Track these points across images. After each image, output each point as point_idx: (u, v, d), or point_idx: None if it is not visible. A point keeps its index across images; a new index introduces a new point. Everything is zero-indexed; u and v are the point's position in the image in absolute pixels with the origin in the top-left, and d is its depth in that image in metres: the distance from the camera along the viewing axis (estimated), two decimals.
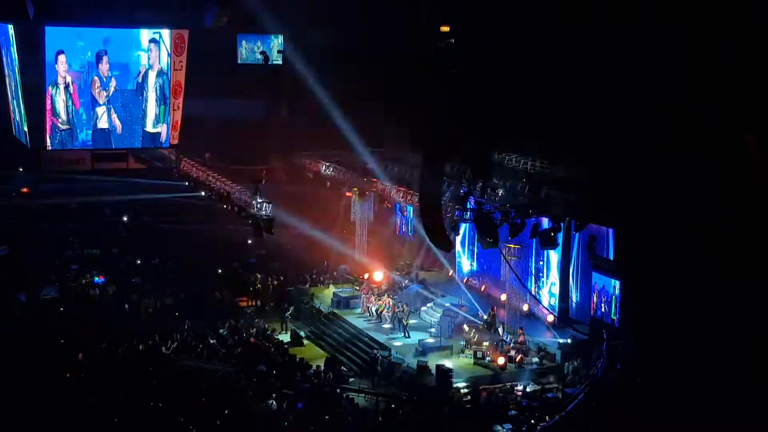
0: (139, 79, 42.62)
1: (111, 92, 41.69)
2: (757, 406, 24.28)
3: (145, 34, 43.50)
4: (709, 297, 26.74)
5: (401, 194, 38.17)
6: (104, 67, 41.57)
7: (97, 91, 41.39)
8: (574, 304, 35.36)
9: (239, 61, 54.85)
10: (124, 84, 42.04)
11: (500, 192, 34.76)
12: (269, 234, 37.87)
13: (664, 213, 28.26)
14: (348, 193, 43.77)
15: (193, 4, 48.63)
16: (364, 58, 46.88)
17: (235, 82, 51.75)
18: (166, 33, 43.93)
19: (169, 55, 44.63)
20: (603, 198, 31.00)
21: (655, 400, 26.96)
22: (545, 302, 35.99)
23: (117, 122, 42.45)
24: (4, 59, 46.50)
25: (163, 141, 44.65)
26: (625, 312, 31.92)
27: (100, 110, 41.96)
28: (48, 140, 42.57)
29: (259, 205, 38.05)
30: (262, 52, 54.30)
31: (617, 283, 32.49)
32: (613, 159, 30.26)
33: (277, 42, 54.78)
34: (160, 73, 43.54)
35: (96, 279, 41.04)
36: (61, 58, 43.85)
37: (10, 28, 44.17)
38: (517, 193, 34.42)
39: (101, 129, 42.80)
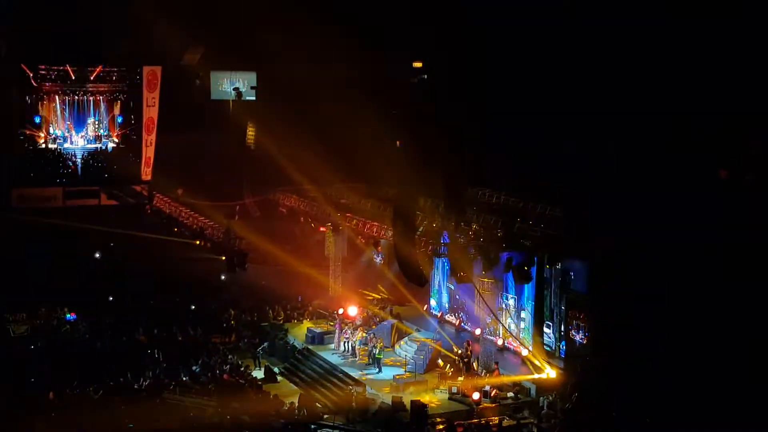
0: None
1: None
2: None
3: None
4: (686, 328, 26.87)
5: (375, 229, 38.19)
6: None
7: None
8: (550, 338, 35.35)
9: (212, 97, 55.22)
10: None
11: (474, 226, 34.83)
12: (242, 269, 37.89)
13: (639, 246, 28.45)
14: (322, 228, 43.75)
15: (168, 42, 48.99)
16: (337, 93, 47.16)
17: (208, 118, 51.92)
18: None
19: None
20: (576, 232, 31.15)
21: None
22: (520, 337, 35.97)
23: None
24: None
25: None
26: (598, 345, 31.93)
27: None
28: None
29: (232, 241, 38.13)
30: (235, 88, 54.70)
31: (584, 323, 32.57)
32: (586, 193, 30.51)
33: (249, 79, 55.27)
34: None
35: (68, 316, 40.63)
36: None
37: None
38: (489, 228, 34.52)
39: None
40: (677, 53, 27.87)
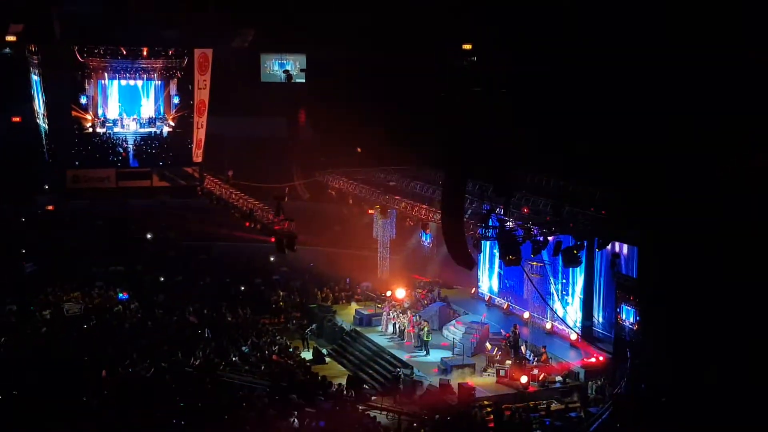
0: None
1: None
2: None
3: None
4: (733, 315, 26.55)
5: (423, 211, 38.16)
6: None
7: None
8: (598, 323, 35.15)
9: (262, 80, 55.40)
10: None
11: (523, 209, 34.69)
12: (291, 251, 38.07)
13: (689, 231, 28.13)
14: (370, 211, 43.84)
15: (218, 25, 49.26)
16: (387, 76, 47.15)
17: (257, 100, 52.15)
18: None
19: None
20: (626, 216, 30.87)
21: (677, 419, 26.74)
22: (569, 321, 35.81)
23: None
24: (32, 81, 47.21)
25: None
26: (648, 331, 31.67)
27: None
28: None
29: (281, 223, 38.28)
30: (285, 71, 54.78)
31: (635, 306, 32.31)
32: (637, 176, 30.19)
33: (300, 61, 55.34)
34: None
35: (120, 295, 41.26)
36: None
37: (34, 49, 44.97)
38: (539, 211, 34.36)
39: None
40: None
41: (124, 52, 49.09)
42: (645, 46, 28.58)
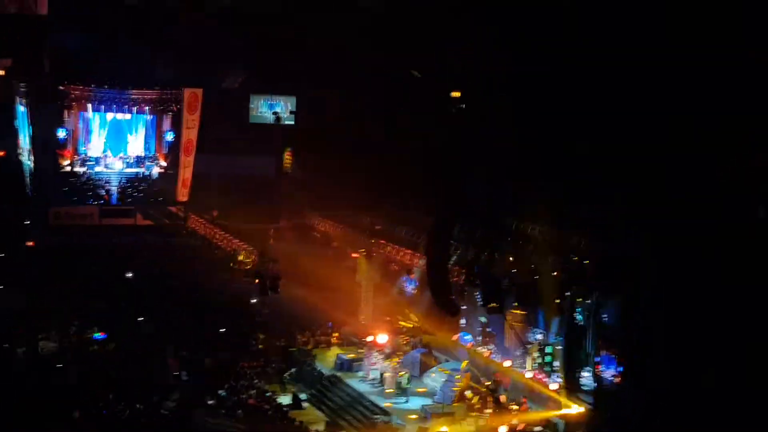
0: None
1: None
2: None
3: None
4: (725, 366, 26.22)
5: (408, 257, 37.94)
6: None
7: None
8: (579, 373, 34.75)
9: (251, 121, 55.50)
10: None
11: (508, 257, 34.52)
12: (274, 293, 37.78)
13: (674, 285, 27.89)
14: (354, 254, 43.58)
15: (208, 65, 49.40)
16: (377, 122, 47.26)
17: (246, 141, 52.17)
18: None
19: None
20: (608, 267, 30.70)
21: None
22: (549, 370, 35.42)
23: None
24: (18, 116, 47.08)
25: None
26: (630, 382, 31.31)
27: None
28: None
29: (265, 264, 38.07)
30: (275, 113, 54.90)
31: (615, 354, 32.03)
32: (619, 230, 30.04)
33: (289, 103, 55.49)
34: None
35: (96, 335, 40.72)
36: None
37: (22, 86, 44.85)
38: (524, 259, 34.18)
39: None
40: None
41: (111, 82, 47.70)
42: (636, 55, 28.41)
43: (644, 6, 27.58)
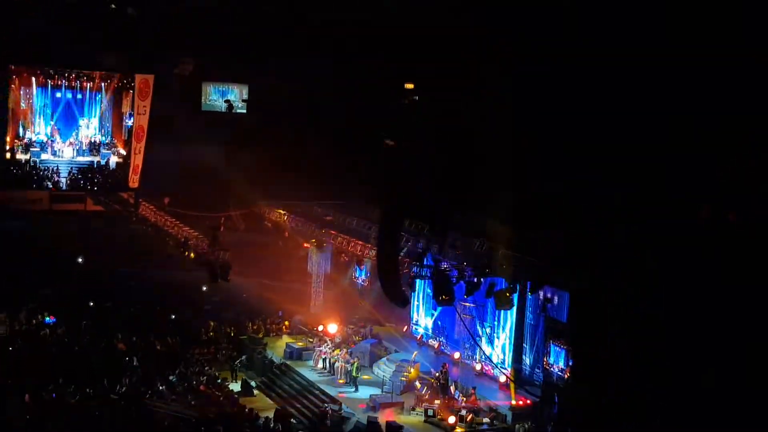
0: None
1: None
2: None
3: None
4: (666, 361, 26.97)
5: (359, 248, 38.31)
6: None
7: None
8: (526, 366, 35.50)
9: (202, 108, 55.18)
10: None
11: (457, 250, 34.99)
12: (225, 281, 37.89)
13: (621, 278, 28.59)
14: (306, 244, 43.83)
15: (159, 51, 48.99)
16: (328, 111, 47.42)
17: (197, 128, 51.90)
18: None
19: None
20: (560, 260, 31.33)
21: None
22: (498, 362, 36.10)
23: None
24: None
25: None
26: (576, 375, 32.09)
27: None
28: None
29: (215, 252, 38.10)
30: (227, 100, 54.64)
31: (566, 348, 32.80)
32: (572, 222, 30.69)
33: (242, 91, 55.27)
34: None
35: (47, 319, 40.46)
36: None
37: None
38: (474, 252, 34.69)
39: None
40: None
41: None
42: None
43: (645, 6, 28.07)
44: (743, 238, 26.15)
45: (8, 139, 45.78)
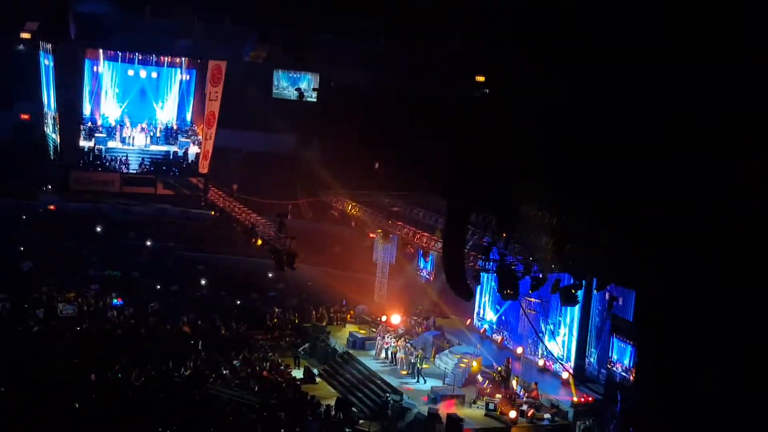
0: None
1: None
2: None
3: None
4: (733, 364, 26.39)
5: (425, 239, 38.17)
6: None
7: None
8: (590, 363, 35.07)
9: (273, 95, 55.46)
10: None
11: (524, 245, 34.66)
12: (290, 269, 38.05)
13: (690, 278, 28.01)
14: (372, 234, 43.84)
15: (233, 37, 49.35)
16: (398, 102, 47.27)
17: (267, 116, 52.28)
18: None
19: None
20: (627, 259, 30.83)
21: None
22: (561, 358, 35.71)
23: None
24: (42, 79, 47.20)
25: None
26: (641, 373, 31.60)
27: None
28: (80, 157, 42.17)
29: (282, 240, 38.27)
30: (298, 89, 54.81)
31: (634, 345, 32.29)
32: (641, 220, 30.13)
33: (312, 79, 55.40)
34: None
35: (114, 301, 41.13)
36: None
37: (50, 48, 44.82)
38: (540, 247, 34.33)
39: None
40: None
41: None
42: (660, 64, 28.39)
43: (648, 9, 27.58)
44: None
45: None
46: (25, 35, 46.81)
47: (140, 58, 42.13)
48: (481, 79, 42.68)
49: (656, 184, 29.15)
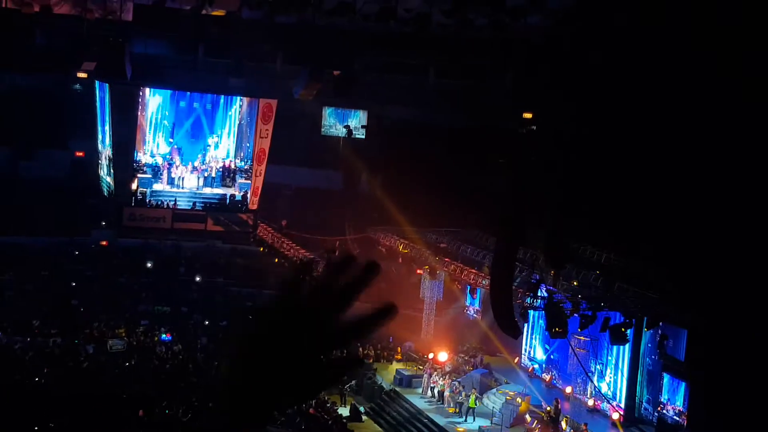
0: None
1: None
2: None
3: None
4: None
5: (472, 276, 37.97)
6: None
7: None
8: (641, 403, 34.46)
9: (322, 132, 55.78)
10: None
11: (573, 282, 34.34)
12: None
13: (743, 316, 27.53)
14: (419, 271, 43.73)
15: (284, 77, 49.75)
16: (445, 139, 47.31)
17: (316, 152, 52.59)
18: None
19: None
20: (678, 297, 30.39)
21: None
22: (611, 399, 35.16)
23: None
24: (98, 116, 48.04)
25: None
26: (694, 416, 30.97)
27: None
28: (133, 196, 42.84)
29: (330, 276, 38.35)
30: (346, 126, 55.05)
31: (686, 385, 31.69)
32: (692, 257, 29.74)
33: (361, 116, 55.61)
34: None
35: (163, 336, 41.43)
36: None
37: (107, 88, 45.61)
38: (589, 285, 33.98)
39: None
40: None
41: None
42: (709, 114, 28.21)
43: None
44: None
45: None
46: (82, 75, 47.67)
47: (190, 86, 40.78)
48: (528, 116, 42.64)
49: (707, 221, 28.82)
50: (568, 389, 36.34)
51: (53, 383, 34.00)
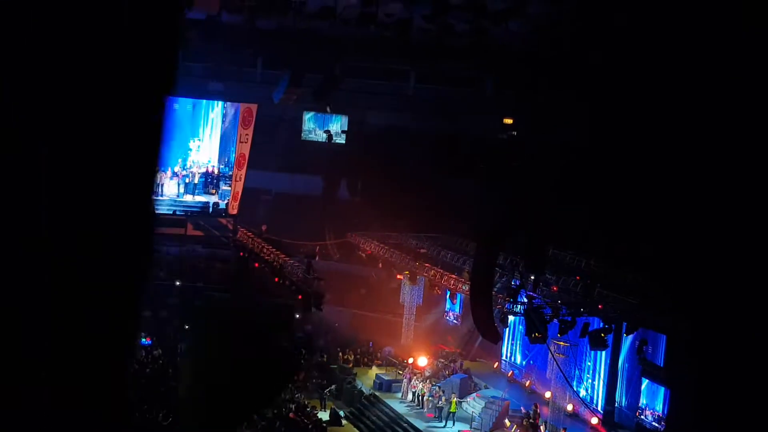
0: None
1: None
2: None
3: None
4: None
5: (452, 281, 38.07)
6: None
7: None
8: (620, 408, 34.65)
9: (302, 137, 55.69)
10: None
11: (553, 288, 34.50)
12: (318, 310, 38.06)
13: (723, 322, 27.72)
14: (399, 276, 43.78)
15: (264, 81, 49.63)
16: (425, 144, 47.41)
17: (296, 157, 52.49)
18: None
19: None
20: (658, 302, 30.58)
21: None
22: (590, 403, 35.33)
23: None
24: None
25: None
26: (673, 421, 31.18)
27: None
28: None
29: (310, 281, 38.33)
30: (326, 131, 54.96)
31: (665, 390, 31.90)
32: (672, 263, 29.94)
33: (342, 122, 55.60)
34: None
35: (143, 341, 41.20)
36: None
37: None
38: (569, 291, 34.15)
39: None
40: None
41: None
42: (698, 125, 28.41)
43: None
44: None
45: None
46: None
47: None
48: (509, 121, 42.85)
49: (687, 226, 29.02)
50: (548, 394, 36.47)
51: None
